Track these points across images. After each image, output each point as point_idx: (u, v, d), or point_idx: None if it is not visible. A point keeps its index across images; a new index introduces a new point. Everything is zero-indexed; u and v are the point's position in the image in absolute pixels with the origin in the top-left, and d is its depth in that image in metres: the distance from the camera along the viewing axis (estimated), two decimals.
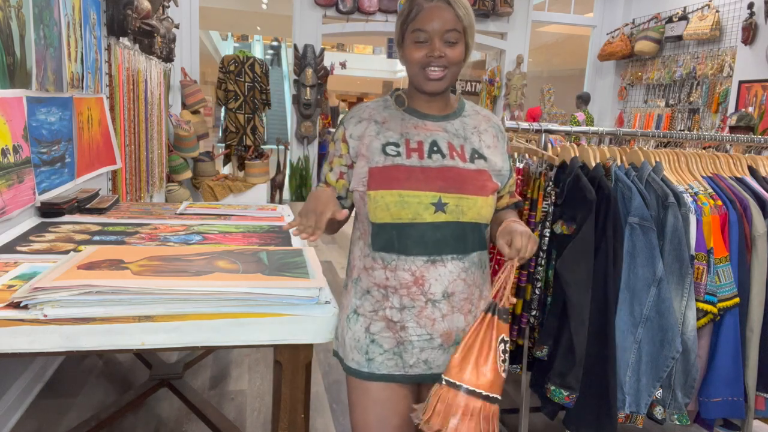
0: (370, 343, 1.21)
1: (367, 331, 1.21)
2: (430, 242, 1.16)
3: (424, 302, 1.17)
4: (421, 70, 1.17)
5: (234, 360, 2.82)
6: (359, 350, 1.22)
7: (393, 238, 1.17)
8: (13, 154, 1.97)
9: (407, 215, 1.14)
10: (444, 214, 1.15)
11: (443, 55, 1.15)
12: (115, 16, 3.16)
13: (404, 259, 1.17)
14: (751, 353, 1.77)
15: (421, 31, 1.15)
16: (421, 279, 1.17)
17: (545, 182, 1.82)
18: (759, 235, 1.77)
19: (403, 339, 1.19)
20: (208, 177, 5.93)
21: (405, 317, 1.18)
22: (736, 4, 5.60)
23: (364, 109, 1.26)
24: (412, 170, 1.16)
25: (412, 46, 1.17)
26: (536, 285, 1.81)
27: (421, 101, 1.24)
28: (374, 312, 1.21)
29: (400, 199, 1.14)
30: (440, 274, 1.17)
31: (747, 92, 5.37)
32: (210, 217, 2.32)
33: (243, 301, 1.29)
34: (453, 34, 1.15)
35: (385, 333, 1.20)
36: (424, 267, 1.16)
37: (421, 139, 1.20)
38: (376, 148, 1.19)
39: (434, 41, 1.15)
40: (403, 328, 1.18)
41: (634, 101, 7.07)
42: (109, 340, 1.19)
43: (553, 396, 1.68)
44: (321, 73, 6.54)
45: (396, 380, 1.22)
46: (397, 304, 1.18)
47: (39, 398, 2.35)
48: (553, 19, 7.65)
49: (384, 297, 1.19)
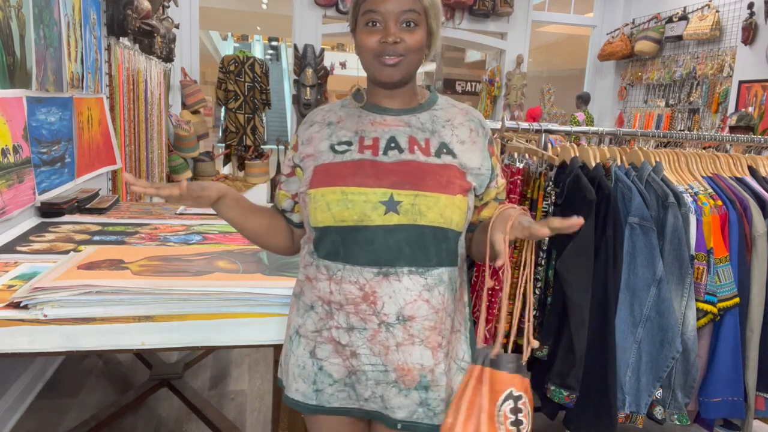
0: (318, 371, 1.02)
1: (312, 355, 1.03)
2: (380, 250, 0.96)
3: (377, 324, 0.97)
4: (375, 59, 1.00)
5: (234, 360, 2.81)
6: (305, 379, 1.04)
7: (338, 243, 0.98)
8: (13, 154, 1.97)
9: (351, 216, 0.96)
10: (397, 215, 0.95)
11: (399, 41, 0.97)
12: (115, 16, 3.16)
13: (350, 269, 0.97)
14: (751, 353, 1.77)
15: (374, 12, 0.98)
16: (372, 295, 0.97)
17: (545, 182, 1.82)
18: (759, 235, 1.77)
19: (355, 368, 1.00)
20: (208, 177, 5.93)
21: (354, 341, 0.99)
22: (736, 4, 5.60)
23: (317, 113, 1.12)
24: (360, 165, 0.99)
25: (364, 30, 1.00)
26: (536, 285, 1.81)
27: (380, 95, 1.07)
28: (318, 332, 1.02)
29: (342, 197, 0.96)
30: (394, 290, 0.96)
31: (747, 92, 5.37)
32: (210, 217, 2.32)
33: (243, 301, 1.29)
34: (411, 15, 0.98)
35: (334, 359, 1.01)
36: (374, 281, 0.96)
37: (378, 135, 1.03)
38: (324, 149, 1.04)
39: (389, 25, 0.98)
40: (354, 354, 0.99)
41: (634, 101, 7.07)
42: (109, 340, 1.20)
43: (553, 396, 1.68)
44: (321, 73, 6.54)
45: (352, 414, 1.05)
46: (344, 324, 0.99)
47: (39, 398, 2.35)
48: (553, 19, 7.65)
49: (328, 314, 1.00)
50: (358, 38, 1.02)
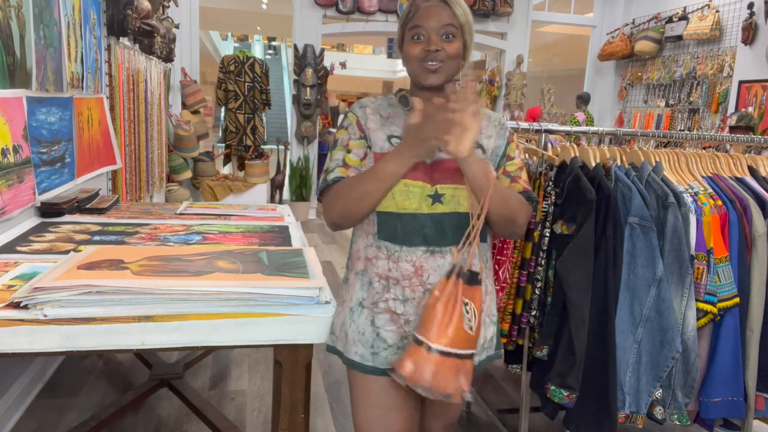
0: (375, 337, 1.21)
1: (372, 324, 1.22)
2: (429, 233, 1.18)
3: (422, 292, 1.19)
4: (420, 65, 1.20)
5: (234, 360, 2.82)
6: (364, 343, 1.22)
7: (397, 227, 1.19)
8: (13, 154, 1.97)
9: (411, 205, 1.17)
10: (441, 205, 1.18)
11: (440, 49, 1.18)
12: (115, 16, 3.16)
13: (406, 250, 1.19)
14: (751, 353, 1.77)
15: (419, 27, 1.19)
16: (420, 270, 1.18)
17: (545, 182, 1.82)
18: (759, 235, 1.77)
19: (407, 333, 1.20)
20: (208, 177, 5.93)
21: (408, 310, 1.19)
22: (736, 4, 5.60)
23: (369, 103, 1.29)
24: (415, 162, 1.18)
25: (410, 43, 1.21)
26: (536, 285, 1.81)
27: (423, 98, 1.22)
28: (375, 304, 1.21)
29: (405, 189, 1.17)
30: (439, 264, 1.18)
31: (747, 92, 5.37)
32: (210, 217, 2.32)
33: (243, 301, 1.29)
34: (449, 29, 1.19)
35: (389, 326, 1.21)
36: (423, 257, 1.18)
37: None
38: (380, 137, 1.23)
39: (431, 37, 1.19)
40: (408, 322, 1.20)
41: (634, 101, 7.07)
42: (109, 340, 1.19)
43: (553, 396, 1.68)
44: (321, 73, 6.54)
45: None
46: (400, 296, 1.19)
47: (39, 398, 2.35)
48: (553, 19, 7.65)
49: (385, 288, 1.20)
50: (405, 49, 1.22)
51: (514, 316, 1.85)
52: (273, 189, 6.74)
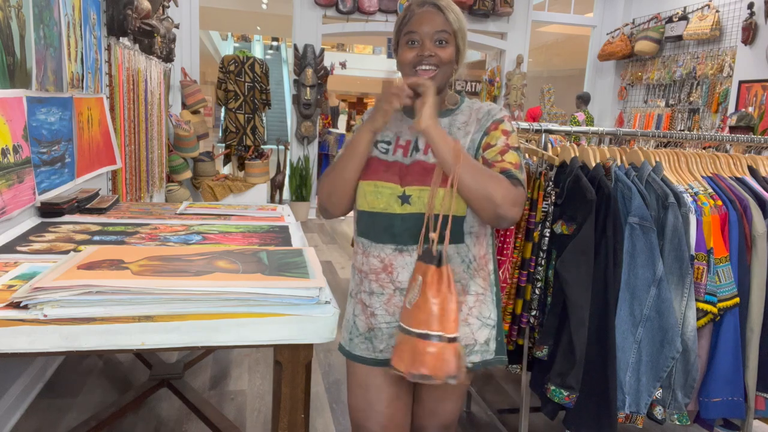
0: (352, 325, 1.33)
1: (353, 312, 1.33)
2: (397, 232, 1.22)
3: (392, 290, 1.24)
4: (413, 70, 1.24)
5: (234, 360, 2.81)
6: (347, 329, 1.36)
7: (370, 225, 1.26)
8: (13, 154, 1.97)
9: (379, 205, 1.23)
10: (410, 205, 1.21)
11: (433, 54, 1.22)
12: (115, 16, 3.16)
13: (375, 246, 1.25)
14: (751, 353, 1.77)
15: (413, 32, 1.23)
16: (389, 267, 1.24)
17: (545, 182, 1.82)
18: (759, 235, 1.77)
19: (374, 325, 1.28)
20: (208, 177, 5.93)
21: (374, 303, 1.27)
22: (736, 4, 5.60)
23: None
24: (391, 165, 1.26)
25: (404, 47, 1.25)
26: (536, 285, 1.81)
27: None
28: (354, 294, 1.33)
29: (375, 189, 1.24)
30: (407, 263, 1.23)
31: (747, 92, 5.37)
32: (210, 217, 2.32)
33: (243, 301, 1.29)
34: (443, 35, 1.22)
35: (362, 316, 1.30)
36: (392, 255, 1.24)
37: (409, 138, 1.28)
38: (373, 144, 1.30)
39: (425, 42, 1.22)
40: (373, 314, 1.27)
41: (634, 101, 7.07)
42: (109, 340, 1.19)
43: (553, 396, 1.68)
44: (321, 73, 6.54)
45: (368, 363, 1.30)
46: (367, 289, 1.28)
47: (39, 398, 2.35)
48: (553, 19, 7.65)
49: (360, 281, 1.30)
50: (400, 55, 1.26)
51: (514, 316, 1.85)
52: (273, 189, 6.74)
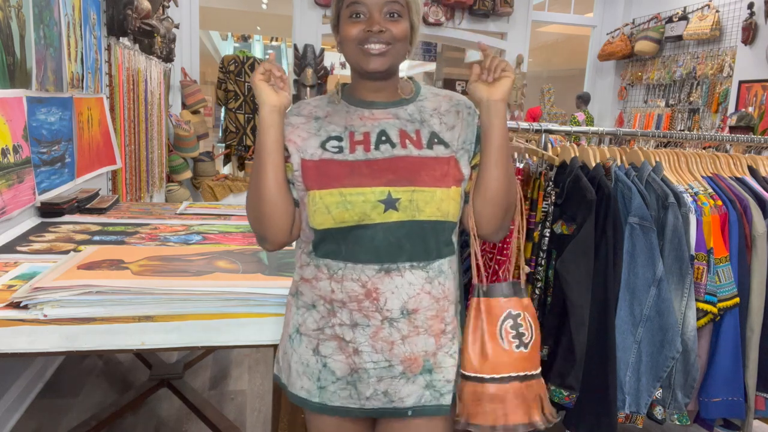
0: (322, 368, 1.03)
1: (316, 353, 1.03)
2: (382, 247, 0.97)
3: (380, 321, 0.99)
4: (359, 48, 1.00)
5: (234, 360, 2.81)
6: (309, 376, 1.04)
7: (339, 243, 0.99)
8: (13, 154, 1.97)
9: (352, 217, 0.96)
10: (396, 212, 0.97)
11: (384, 30, 0.98)
12: (115, 16, 3.16)
13: (352, 267, 0.98)
14: (751, 353, 1.77)
15: (358, 3, 0.99)
16: (374, 292, 0.98)
17: (545, 182, 1.81)
18: (759, 235, 1.77)
19: (357, 366, 1.01)
20: (208, 177, 5.93)
21: (357, 338, 1.00)
22: (736, 4, 5.60)
23: (304, 106, 1.10)
24: (355, 165, 0.99)
25: (347, 21, 1.01)
26: (536, 285, 1.81)
27: (366, 89, 1.07)
28: (320, 330, 1.03)
29: (341, 199, 0.96)
30: (397, 285, 0.98)
31: (747, 92, 5.37)
32: (210, 217, 2.32)
33: (243, 301, 1.29)
34: (394, 6, 1.00)
35: (338, 356, 1.02)
36: (376, 277, 0.98)
37: (368, 130, 1.04)
38: (312, 144, 1.03)
39: (373, 14, 0.99)
40: (357, 351, 1.00)
41: (634, 101, 7.07)
42: (109, 340, 1.19)
43: (553, 396, 1.68)
44: (321, 73, 6.53)
45: (352, 414, 1.04)
46: (348, 321, 1.00)
47: (39, 398, 2.35)
48: (553, 19, 7.64)
49: (330, 312, 1.01)
50: (342, 30, 1.03)
51: None
52: None
